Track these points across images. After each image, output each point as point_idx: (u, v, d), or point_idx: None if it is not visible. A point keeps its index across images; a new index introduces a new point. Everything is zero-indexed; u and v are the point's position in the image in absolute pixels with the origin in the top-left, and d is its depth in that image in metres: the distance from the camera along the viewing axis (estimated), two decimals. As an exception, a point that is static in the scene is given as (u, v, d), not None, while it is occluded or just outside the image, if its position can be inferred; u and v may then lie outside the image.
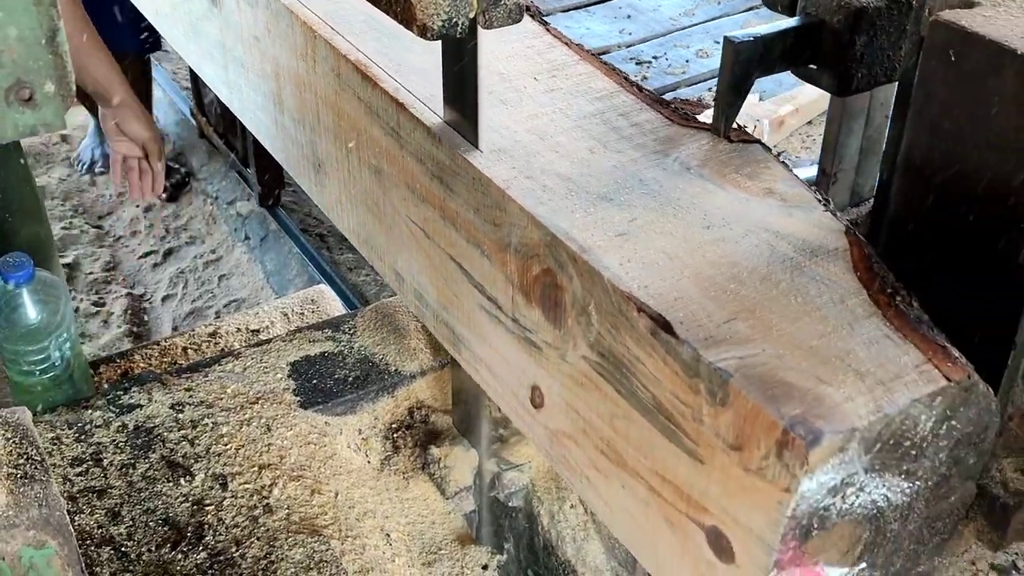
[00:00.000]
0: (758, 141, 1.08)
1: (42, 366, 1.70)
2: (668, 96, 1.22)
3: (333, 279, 3.13)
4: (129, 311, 3.35)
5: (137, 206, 3.84)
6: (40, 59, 0.90)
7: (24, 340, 1.68)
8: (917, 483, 0.91)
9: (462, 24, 0.99)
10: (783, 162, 1.05)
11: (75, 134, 4.21)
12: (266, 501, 1.58)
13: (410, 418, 1.78)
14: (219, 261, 3.56)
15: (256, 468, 1.63)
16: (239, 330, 1.92)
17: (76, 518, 1.54)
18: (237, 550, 1.52)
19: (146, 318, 3.36)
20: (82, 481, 1.60)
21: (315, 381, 1.75)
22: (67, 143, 4.21)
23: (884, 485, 0.88)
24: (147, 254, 3.64)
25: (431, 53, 1.01)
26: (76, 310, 3.34)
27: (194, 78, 3.62)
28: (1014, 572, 1.26)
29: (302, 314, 1.96)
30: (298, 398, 1.71)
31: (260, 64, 1.54)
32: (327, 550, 1.54)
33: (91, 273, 3.53)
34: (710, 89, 2.98)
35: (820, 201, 1.03)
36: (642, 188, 1.03)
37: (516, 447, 1.70)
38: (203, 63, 1.88)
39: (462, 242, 1.12)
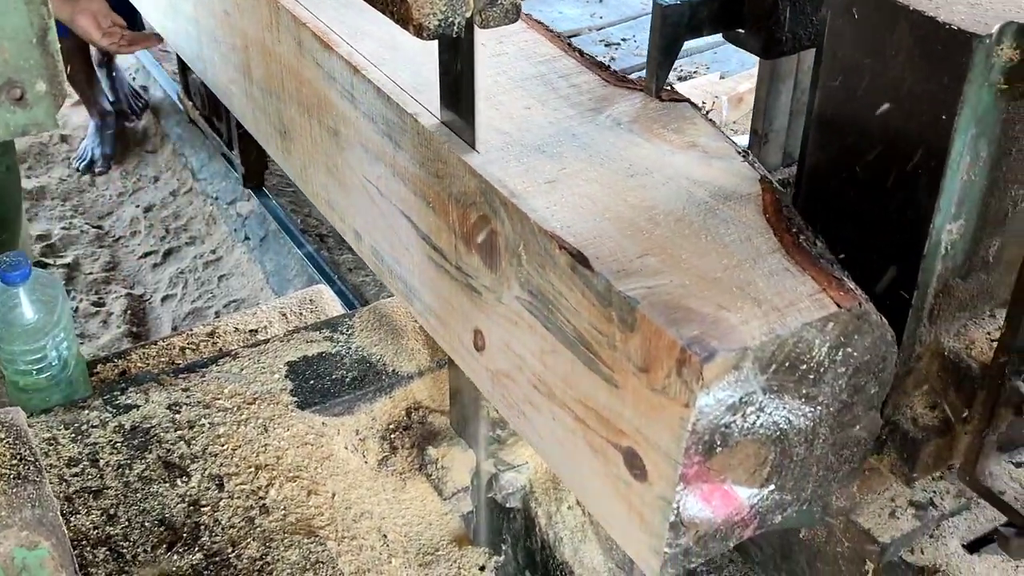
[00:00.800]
0: (687, 100, 1.36)
1: (39, 366, 1.98)
2: (633, 76, 1.54)
3: (333, 279, 3.54)
4: (129, 311, 3.81)
5: (137, 206, 4.35)
6: (31, 58, 1.02)
7: (21, 340, 1.95)
8: (819, 408, 1.18)
9: (458, 24, 1.17)
10: (710, 119, 1.34)
11: (75, 134, 4.74)
12: (262, 502, 1.85)
13: (407, 419, 2.06)
14: (219, 261, 4.03)
15: (253, 469, 1.90)
16: (237, 330, 2.25)
17: (72, 519, 1.80)
18: (233, 551, 1.77)
19: (146, 318, 3.81)
20: (78, 481, 1.87)
21: (312, 381, 2.06)
22: (67, 143, 4.74)
23: (785, 407, 1.15)
24: (147, 254, 4.14)
25: (386, 21, 1.26)
26: (76, 310, 3.81)
27: (181, 64, 4.20)
28: (931, 508, 1.52)
29: (300, 314, 2.29)
30: (295, 398, 2.01)
31: (230, 37, 1.87)
32: (323, 551, 1.80)
33: (91, 273, 4.02)
34: (676, 70, 3.43)
35: (740, 153, 1.31)
36: (574, 141, 1.32)
37: (514, 448, 1.96)
38: (179, 40, 2.26)
39: (410, 196, 1.42)
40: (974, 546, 1.53)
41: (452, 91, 1.34)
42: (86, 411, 1.99)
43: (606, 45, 4.49)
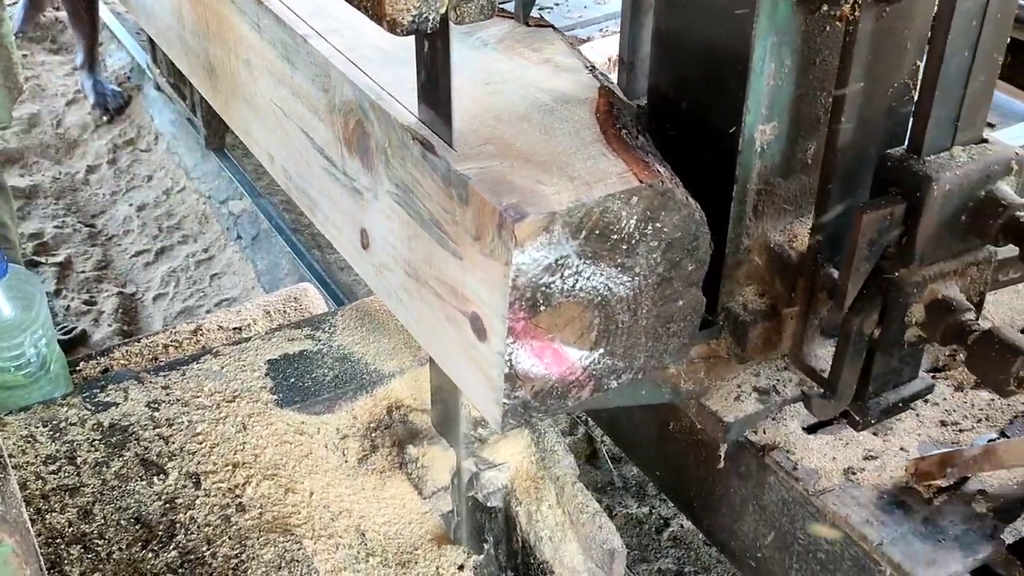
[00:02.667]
0: (551, 26, 2.18)
1: (17, 363, 2.69)
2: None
3: (324, 278, 4.64)
4: (120, 310, 5.08)
5: (130, 205, 5.72)
6: (-17, 51, 1.49)
7: (-3, 336, 2.58)
8: (637, 279, 1.93)
9: (433, 19, 1.64)
10: (568, 41, 2.16)
11: (69, 133, 6.45)
12: (239, 500, 2.47)
13: (388, 417, 2.80)
14: (211, 260, 5.37)
15: (230, 467, 2.56)
16: (221, 328, 3.07)
17: (47, 516, 2.40)
18: (208, 549, 2.37)
19: (137, 317, 5.02)
20: (55, 479, 2.50)
21: (293, 380, 2.82)
22: (62, 140, 6.29)
23: (602, 274, 1.90)
24: (139, 253, 5.54)
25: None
26: (67, 308, 5.06)
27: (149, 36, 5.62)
28: (773, 393, 2.36)
29: (285, 312, 3.12)
30: (275, 396, 2.78)
31: (166, -15, 2.83)
32: (299, 549, 2.38)
33: (83, 272, 5.36)
34: (601, 30, 4.58)
35: (587, 68, 2.12)
36: (443, 58, 2.15)
37: (494, 447, 2.67)
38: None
39: (307, 113, 2.25)
40: (812, 428, 2.44)
41: (428, 88, 1.91)
42: (64, 408, 2.71)
43: (539, 9, 5.72)
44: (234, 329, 3.19)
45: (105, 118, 6.77)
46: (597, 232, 1.89)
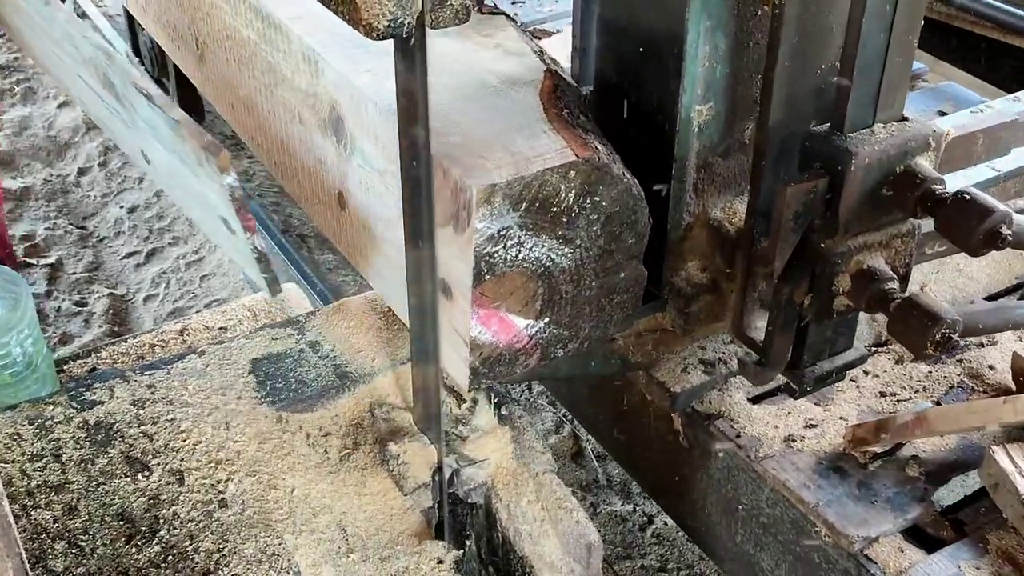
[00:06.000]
0: (503, 14, 2.60)
1: (3, 362, 2.94)
2: (532, 28, 2.94)
3: (312, 279, 5.07)
4: (111, 311, 5.61)
5: (121, 207, 6.26)
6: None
7: (-18, 335, 2.69)
8: (579, 251, 2.36)
9: (408, 24, 1.87)
10: (519, 28, 2.57)
11: (60, 135, 7.02)
12: (222, 496, 2.76)
13: (370, 415, 3.11)
14: (201, 261, 5.94)
15: (213, 463, 2.86)
16: (207, 327, 3.44)
17: (33, 512, 2.65)
18: (191, 544, 2.63)
19: (128, 318, 5.54)
20: (40, 476, 2.76)
21: (276, 378, 3.16)
22: (53, 143, 6.89)
23: (544, 245, 2.34)
24: (130, 254, 6.09)
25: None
26: (58, 310, 5.56)
27: (129, 24, 6.37)
28: (720, 365, 2.68)
29: (270, 312, 3.51)
30: (258, 394, 3.10)
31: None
32: (280, 544, 2.64)
33: (74, 273, 5.89)
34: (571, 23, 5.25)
35: (535, 52, 2.53)
36: (396, 43, 2.51)
37: (475, 444, 2.98)
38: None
39: (291, 99, 2.74)
40: (757, 399, 2.90)
41: (404, 95, 2.16)
42: (51, 407, 3.00)
43: (512, 3, 6.28)
44: (220, 329, 3.55)
45: None
46: (537, 204, 2.27)
